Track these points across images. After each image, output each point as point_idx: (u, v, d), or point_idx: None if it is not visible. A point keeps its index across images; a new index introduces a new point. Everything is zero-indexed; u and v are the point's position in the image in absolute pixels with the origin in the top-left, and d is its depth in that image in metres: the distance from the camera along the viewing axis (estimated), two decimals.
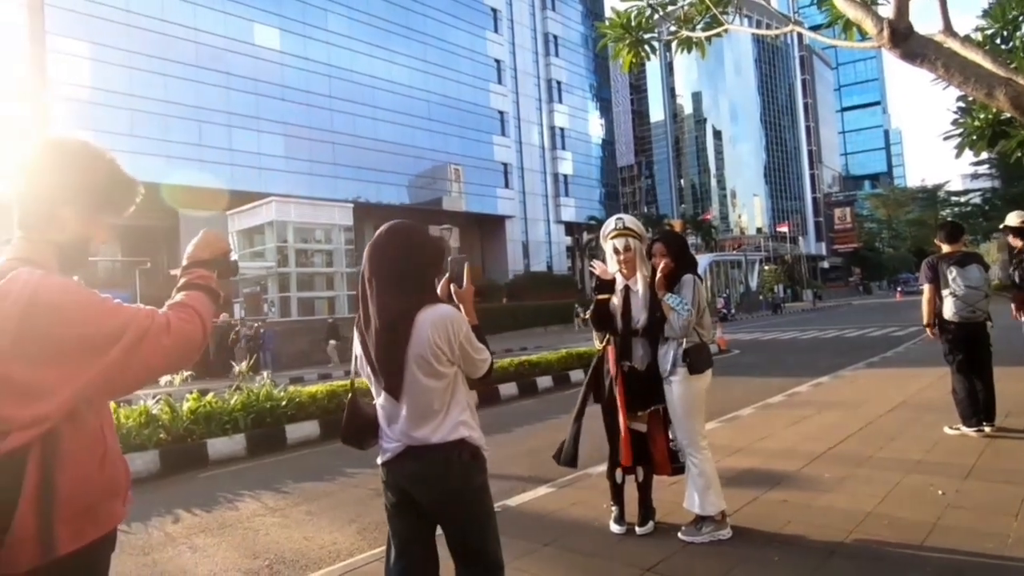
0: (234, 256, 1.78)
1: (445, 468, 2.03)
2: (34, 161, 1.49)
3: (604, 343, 3.75)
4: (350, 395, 2.25)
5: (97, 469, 1.42)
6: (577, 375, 11.88)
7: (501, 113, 53.36)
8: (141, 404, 7.21)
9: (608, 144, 67.63)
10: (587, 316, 3.77)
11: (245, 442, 7.30)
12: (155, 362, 1.44)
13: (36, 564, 1.31)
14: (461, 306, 2.21)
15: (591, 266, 3.86)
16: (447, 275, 2.27)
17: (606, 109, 67.86)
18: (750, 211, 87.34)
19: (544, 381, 11.45)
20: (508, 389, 10.65)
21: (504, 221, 52.82)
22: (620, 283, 3.70)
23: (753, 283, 51.31)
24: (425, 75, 46.41)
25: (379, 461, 2.14)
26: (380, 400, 2.13)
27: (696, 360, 3.47)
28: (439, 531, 2.16)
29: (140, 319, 1.42)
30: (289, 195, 32.09)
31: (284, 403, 7.92)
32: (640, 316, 3.62)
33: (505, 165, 53.08)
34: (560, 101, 60.57)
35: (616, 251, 3.67)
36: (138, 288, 23.33)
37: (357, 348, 2.16)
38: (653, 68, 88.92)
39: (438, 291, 2.20)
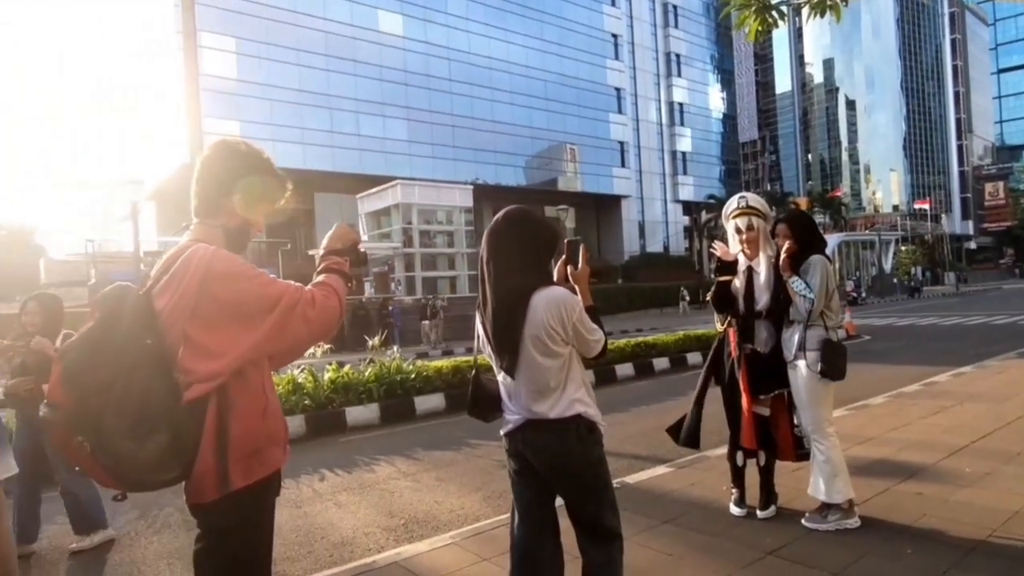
0: (362, 247, 1.99)
1: (562, 441, 2.13)
2: (207, 160, 1.77)
3: (725, 325, 3.72)
4: (474, 371, 2.37)
5: (260, 419, 1.67)
6: (695, 358, 11.63)
7: (618, 90, 52.19)
8: (288, 373, 7.96)
9: (729, 119, 64.30)
10: (707, 298, 3.73)
11: (378, 411, 7.88)
12: (301, 332, 1.66)
13: (216, 496, 1.59)
14: (576, 287, 2.28)
15: (712, 248, 3.81)
16: (563, 257, 2.35)
17: (728, 82, 64.45)
18: (886, 187, 79.99)
19: (661, 363, 11.34)
20: (624, 370, 10.65)
21: (620, 201, 51.97)
22: (743, 264, 3.63)
23: (887, 265, 47.09)
24: (542, 54, 46.32)
25: (502, 432, 2.27)
26: (500, 376, 2.24)
27: (831, 366, 3.29)
28: (560, 500, 2.27)
29: (291, 293, 1.65)
30: (413, 178, 33.43)
31: (413, 376, 8.45)
32: (763, 298, 3.54)
33: (621, 144, 52.02)
34: (679, 75, 58.25)
35: (738, 231, 3.60)
36: (280, 266, 25.43)
37: (479, 328, 2.28)
38: (780, 36, 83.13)
39: (554, 273, 2.29)
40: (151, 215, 34.27)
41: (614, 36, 51.96)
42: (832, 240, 37.09)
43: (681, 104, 58.15)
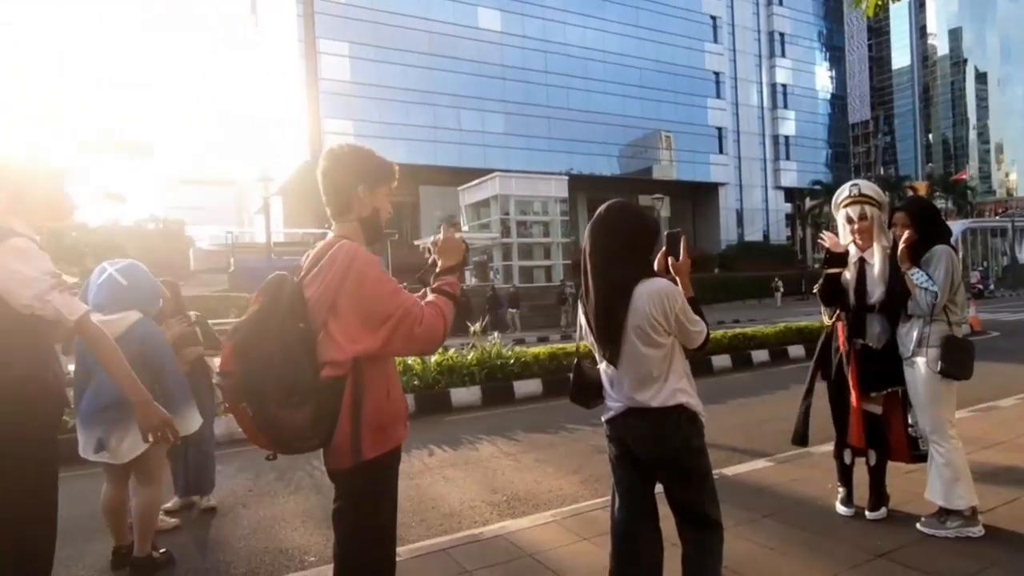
0: (459, 235, 2.09)
1: (664, 430, 2.12)
2: (324, 170, 1.94)
3: (833, 319, 3.53)
4: (576, 359, 2.39)
5: (386, 399, 1.84)
6: (796, 351, 11.07)
7: (716, 74, 50.01)
8: None
9: (838, 99, 59.89)
10: (813, 290, 3.55)
11: (480, 393, 8.12)
12: (401, 348, 1.83)
13: (351, 464, 1.77)
14: (678, 278, 2.27)
15: (820, 238, 3.61)
16: (663, 249, 2.33)
17: (837, 59, 59.97)
18: (1021, 168, 71.57)
19: (759, 355, 10.87)
20: (721, 361, 10.32)
21: (717, 188, 49.99)
22: (854, 255, 3.43)
23: (1021, 254, 42.31)
24: (637, 41, 45.18)
25: (604, 418, 2.29)
26: (602, 365, 2.26)
27: (955, 365, 3.02)
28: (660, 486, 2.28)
29: (406, 308, 1.77)
30: (510, 170, 33.79)
31: (512, 361, 8.62)
32: (876, 291, 3.32)
33: (719, 129, 49.88)
34: (783, 55, 54.90)
35: (850, 220, 3.40)
36: (389, 256, 26.58)
37: (581, 318, 2.30)
38: (899, 6, 76.14)
39: (655, 265, 2.27)
40: (278, 209, 36.77)
41: (713, 18, 49.78)
42: (956, 227, 33.83)
43: (784, 86, 54.86)
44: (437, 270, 1.99)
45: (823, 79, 58.08)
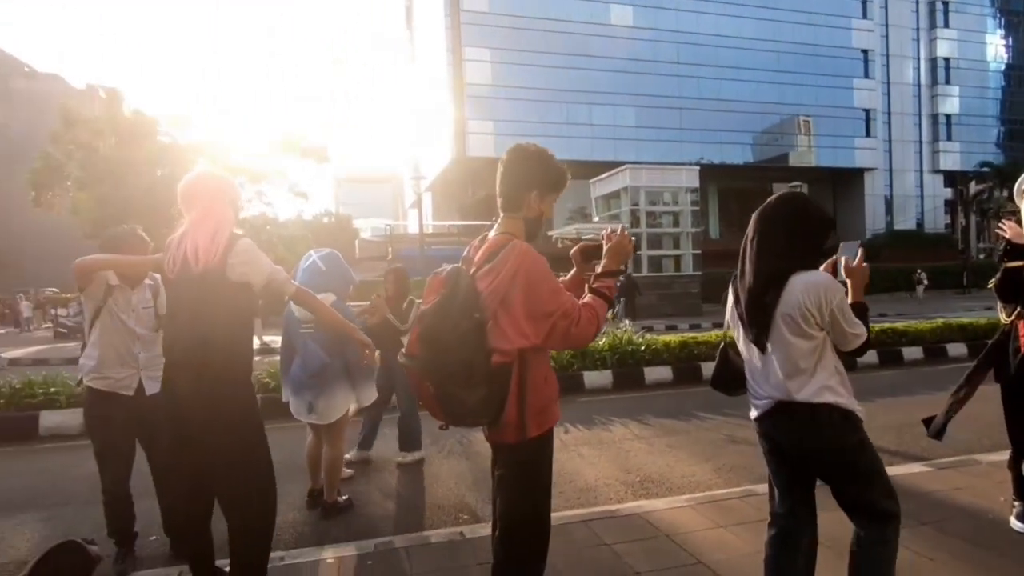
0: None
1: (812, 427, 1.98)
2: (508, 163, 1.97)
3: (1013, 316, 3.08)
4: (722, 345, 2.28)
5: (544, 383, 1.92)
6: (957, 349, 9.79)
7: (864, 52, 44.99)
8: None
9: (1015, 70, 51.25)
10: (990, 285, 3.12)
11: (611, 377, 8.07)
12: (558, 343, 1.89)
13: (516, 441, 1.88)
14: (848, 281, 2.10)
15: (999, 227, 3.15)
16: (831, 259, 2.19)
17: (1015, 25, 51.30)
18: None
19: (912, 352, 9.73)
20: (866, 357, 9.36)
21: (863, 174, 45.20)
22: None
23: None
24: (775, 24, 41.84)
25: (752, 416, 2.17)
26: (746, 353, 2.14)
27: None
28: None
29: (566, 309, 1.83)
30: (640, 162, 32.96)
31: (643, 348, 8.47)
32: None
33: (867, 111, 44.92)
34: (946, 25, 48.10)
35: None
36: None
37: (730, 299, 2.19)
38: None
39: (820, 267, 2.12)
40: (427, 203, 38.86)
41: None
42: None
43: (947, 59, 48.11)
44: (599, 269, 2.01)
45: (995, 49, 50.11)
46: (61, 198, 24.87)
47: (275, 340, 9.55)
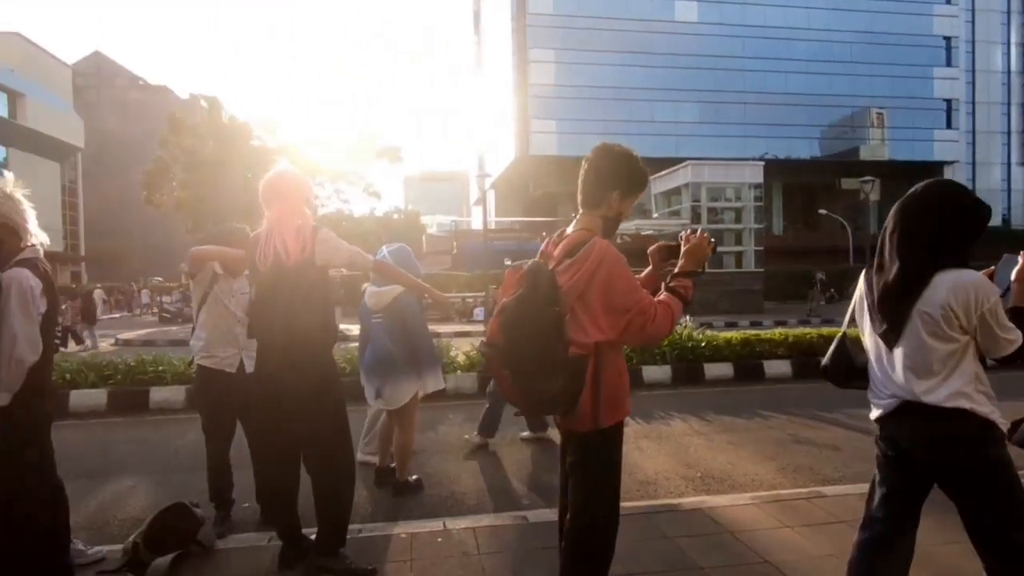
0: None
1: (949, 436, 1.75)
2: (592, 161, 1.94)
3: None
4: (842, 333, 2.08)
5: (619, 376, 1.92)
6: None
7: (947, 39, 41.62)
8: None
9: None
10: None
11: (670, 372, 7.88)
12: (634, 339, 1.88)
13: (589, 429, 1.88)
14: (1017, 285, 1.91)
15: None
16: (989, 269, 2.00)
17: None
18: None
19: None
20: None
21: (942, 168, 41.93)
22: None
23: None
24: (848, 14, 39.40)
25: (873, 417, 1.97)
26: (873, 348, 1.95)
27: None
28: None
29: (643, 306, 1.83)
30: (702, 158, 31.98)
31: (703, 344, 8.22)
32: None
33: (948, 102, 41.62)
34: None
35: None
36: None
37: (862, 288, 2.00)
38: None
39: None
40: (491, 200, 39.22)
41: None
42: None
43: None
44: (676, 269, 1.98)
45: None
46: (167, 197, 26.68)
47: (350, 328, 9.91)
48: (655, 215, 30.58)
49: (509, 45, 36.96)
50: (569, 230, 1.97)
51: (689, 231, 2.03)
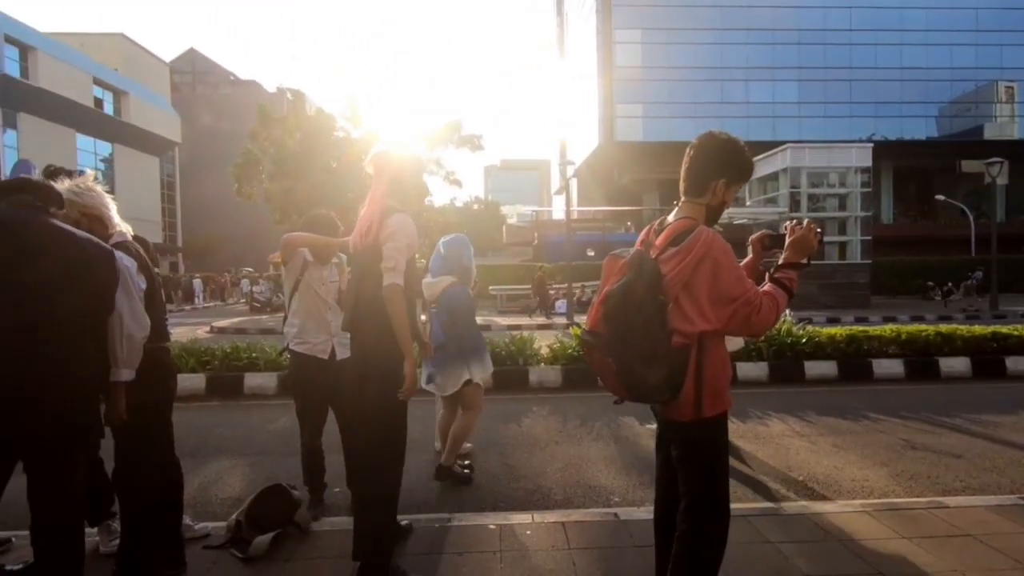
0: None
1: None
2: (699, 148, 1.96)
3: None
4: None
5: (722, 368, 1.94)
6: None
7: None
8: None
9: None
10: None
11: (767, 370, 7.56)
12: (737, 330, 1.91)
13: (691, 419, 1.90)
14: None
15: None
16: None
17: None
18: None
19: None
20: None
21: None
22: None
23: None
24: None
25: None
26: None
27: None
28: None
29: (749, 297, 1.85)
30: (802, 141, 30.23)
31: (803, 340, 7.82)
32: None
33: None
34: None
35: None
36: None
37: None
38: None
39: None
40: (573, 189, 38.94)
41: None
42: None
43: None
44: (780, 261, 1.99)
45: None
46: (256, 189, 28.44)
47: None
48: (748, 203, 29.32)
49: (593, 26, 36.37)
50: (670, 218, 1.99)
51: (795, 222, 2.03)
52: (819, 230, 2.01)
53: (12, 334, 1.87)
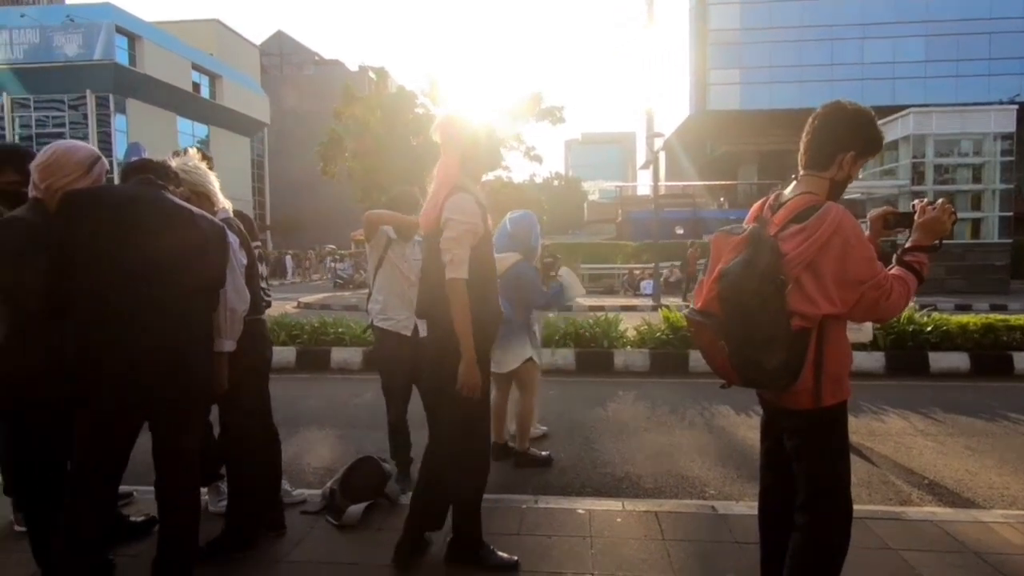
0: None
1: None
2: (824, 118, 1.88)
3: None
4: None
5: (843, 354, 1.87)
6: None
7: None
8: None
9: None
10: None
11: (884, 360, 7.05)
12: (865, 315, 1.85)
13: (809, 407, 1.84)
14: None
15: None
16: None
17: None
18: None
19: None
20: None
21: None
22: None
23: None
24: None
25: None
26: None
27: None
28: None
29: (879, 280, 1.78)
30: (927, 104, 27.64)
31: (928, 329, 7.21)
32: None
33: None
34: None
35: None
36: None
37: None
38: None
39: None
40: (661, 163, 37.87)
41: None
42: None
43: None
44: (909, 242, 1.92)
45: None
46: (340, 168, 29.66)
47: None
48: (861, 175, 27.32)
49: None
50: (787, 193, 1.93)
51: (925, 200, 1.96)
52: (954, 211, 1.92)
53: (151, 306, 2.03)
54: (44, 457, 2.28)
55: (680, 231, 29.92)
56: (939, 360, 7.04)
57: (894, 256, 1.93)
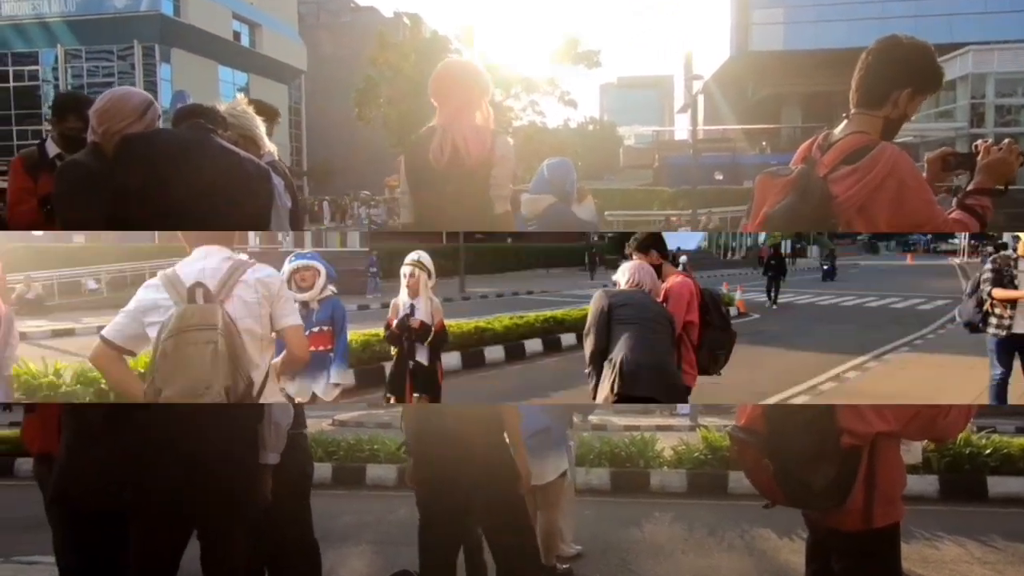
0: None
1: None
2: (877, 53, 1.68)
3: None
4: None
5: (895, 470, 1.81)
6: None
7: None
8: None
9: None
10: None
11: (937, 485, 6.08)
12: (922, 432, 1.86)
13: (859, 529, 1.77)
14: None
15: None
16: None
17: None
18: None
19: None
20: None
21: None
22: None
23: None
24: None
25: None
26: None
27: None
28: None
29: (939, 222, 1.67)
30: (988, 42, 24.77)
31: (987, 452, 6.21)
32: None
33: None
34: None
35: None
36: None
37: None
38: None
39: None
40: (699, 106, 35.49)
41: None
42: None
43: None
44: (971, 185, 1.74)
45: None
46: (375, 113, 28.82)
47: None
48: (913, 117, 24.99)
49: None
50: (837, 132, 1.76)
51: (988, 140, 1.82)
52: (1022, 152, 1.74)
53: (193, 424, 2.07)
54: (94, 565, 2.36)
55: (719, 177, 28.25)
56: (998, 485, 6.04)
57: (954, 200, 1.75)
